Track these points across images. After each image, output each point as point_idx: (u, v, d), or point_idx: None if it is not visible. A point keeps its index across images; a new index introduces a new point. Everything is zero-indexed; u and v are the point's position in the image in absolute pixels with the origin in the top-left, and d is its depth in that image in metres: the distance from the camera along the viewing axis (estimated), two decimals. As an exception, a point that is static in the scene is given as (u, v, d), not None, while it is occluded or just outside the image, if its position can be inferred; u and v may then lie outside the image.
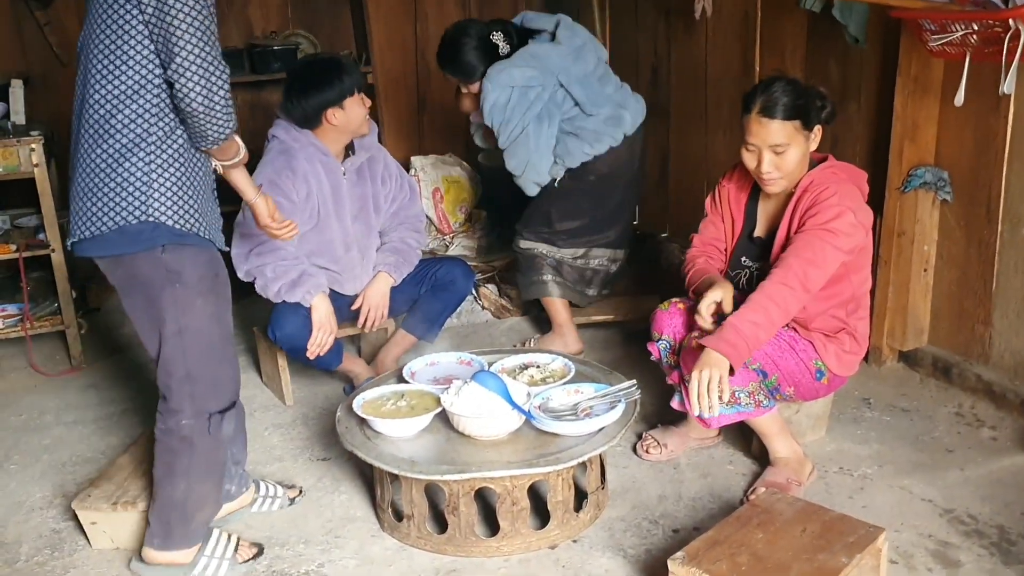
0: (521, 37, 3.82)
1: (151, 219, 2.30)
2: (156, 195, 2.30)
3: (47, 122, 4.39)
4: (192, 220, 2.36)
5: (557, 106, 3.77)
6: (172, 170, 2.32)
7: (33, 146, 3.90)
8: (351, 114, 3.35)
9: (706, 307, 2.81)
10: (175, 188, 2.32)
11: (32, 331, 4.10)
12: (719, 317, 2.80)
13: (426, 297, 3.67)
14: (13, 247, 4.04)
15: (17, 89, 4.10)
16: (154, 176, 2.30)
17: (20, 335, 4.11)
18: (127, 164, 2.28)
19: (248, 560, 2.68)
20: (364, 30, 5.23)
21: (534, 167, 3.79)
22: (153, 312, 2.40)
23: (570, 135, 3.79)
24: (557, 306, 4.02)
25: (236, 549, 2.67)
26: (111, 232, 2.31)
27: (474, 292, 4.45)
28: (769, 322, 2.65)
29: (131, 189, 2.29)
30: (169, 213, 2.32)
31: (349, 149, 3.49)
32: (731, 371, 2.62)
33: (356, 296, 3.59)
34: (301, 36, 5.27)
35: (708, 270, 2.99)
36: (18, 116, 4.08)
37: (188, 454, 2.50)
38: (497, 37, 3.76)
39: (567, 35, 3.81)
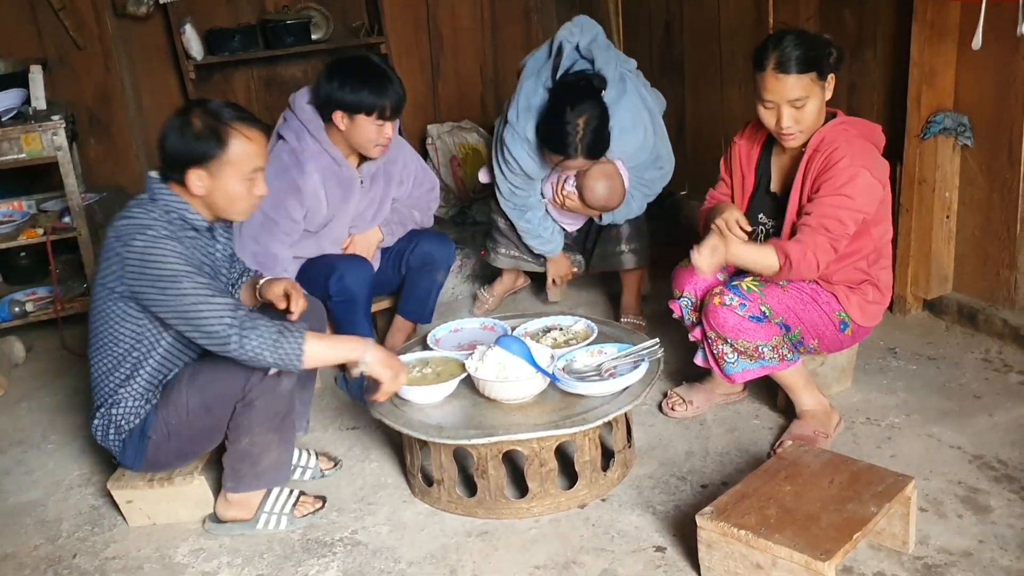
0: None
1: None
2: None
3: (67, 106, 4.42)
4: None
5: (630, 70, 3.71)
6: None
7: (55, 130, 3.93)
8: (357, 129, 3.20)
9: (733, 220, 2.83)
10: None
11: (63, 313, 4.16)
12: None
13: (410, 278, 3.61)
14: (40, 231, 4.09)
15: (36, 75, 4.12)
16: None
17: (52, 317, 4.16)
18: None
19: (308, 515, 2.75)
20: (375, 0, 5.21)
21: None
22: None
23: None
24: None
25: (295, 504, 2.75)
26: None
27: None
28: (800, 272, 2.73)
29: None
30: None
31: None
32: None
33: None
34: (313, 9, 5.25)
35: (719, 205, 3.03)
36: (39, 101, 4.10)
37: (247, 412, 2.58)
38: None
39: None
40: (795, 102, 2.72)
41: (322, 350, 2.51)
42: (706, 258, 2.62)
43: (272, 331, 2.43)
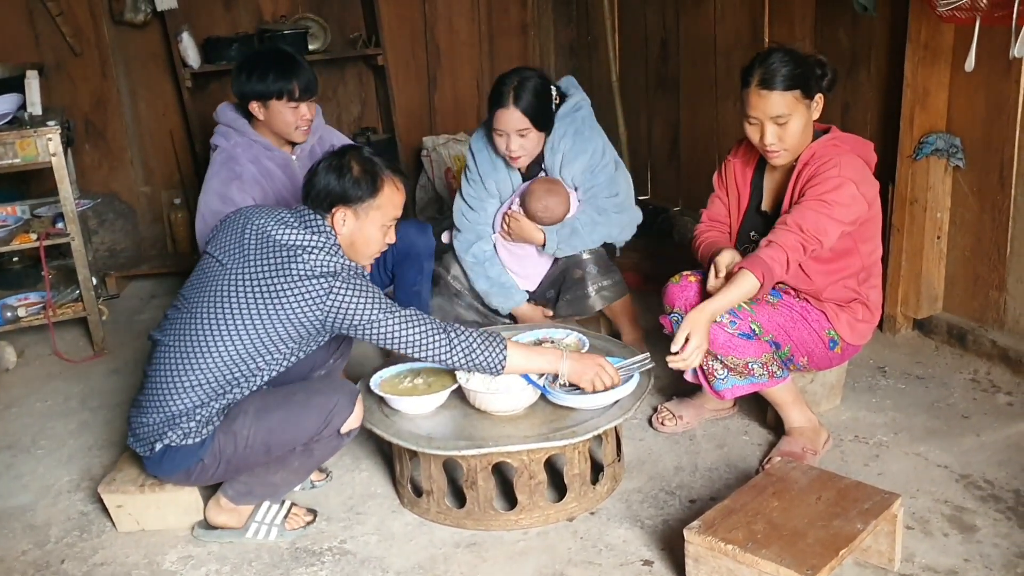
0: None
1: None
2: None
3: (63, 111, 4.43)
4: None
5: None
6: None
7: (50, 136, 3.92)
8: (274, 116, 3.29)
9: (724, 265, 2.80)
10: None
11: (55, 319, 4.15)
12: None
13: (398, 273, 3.63)
14: (34, 236, 4.09)
15: (32, 80, 4.12)
16: None
17: (43, 323, 4.16)
18: None
19: (299, 528, 2.75)
20: (373, 11, 5.23)
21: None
22: None
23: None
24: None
25: (287, 516, 2.75)
26: None
27: None
28: (771, 276, 2.71)
29: None
30: None
31: None
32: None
33: None
34: (311, 19, 5.27)
35: (719, 242, 3.01)
36: (34, 107, 4.10)
37: (301, 456, 2.61)
38: (555, 93, 3.57)
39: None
40: (777, 119, 2.73)
41: (522, 359, 2.63)
42: (694, 359, 2.69)
43: (476, 336, 2.58)
